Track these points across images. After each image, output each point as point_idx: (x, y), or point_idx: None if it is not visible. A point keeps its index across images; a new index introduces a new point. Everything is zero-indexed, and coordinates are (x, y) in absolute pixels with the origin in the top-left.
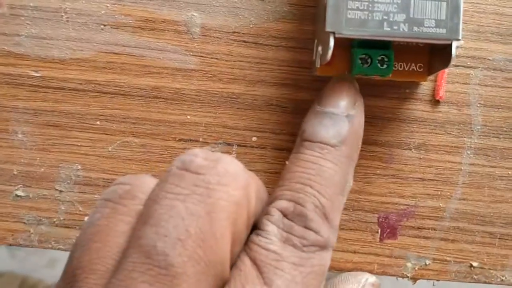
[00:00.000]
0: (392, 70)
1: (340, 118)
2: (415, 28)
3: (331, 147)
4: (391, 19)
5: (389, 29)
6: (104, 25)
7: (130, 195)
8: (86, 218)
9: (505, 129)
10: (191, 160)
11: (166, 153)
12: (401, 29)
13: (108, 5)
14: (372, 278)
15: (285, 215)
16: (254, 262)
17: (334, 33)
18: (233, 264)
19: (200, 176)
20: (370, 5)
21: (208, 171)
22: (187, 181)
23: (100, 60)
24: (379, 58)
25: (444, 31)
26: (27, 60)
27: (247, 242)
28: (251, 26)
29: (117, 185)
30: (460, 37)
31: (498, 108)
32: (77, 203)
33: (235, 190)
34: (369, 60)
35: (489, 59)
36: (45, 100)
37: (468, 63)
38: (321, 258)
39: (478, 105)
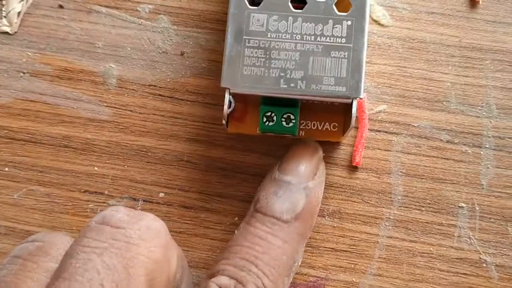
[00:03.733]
0: (297, 129)
1: (297, 189)
2: (313, 86)
3: (283, 223)
4: (288, 76)
5: (285, 86)
6: (24, 73)
7: (42, 252)
8: None
9: (428, 201)
10: (112, 215)
11: (70, 204)
12: (298, 86)
13: (30, 53)
14: None
15: None
16: None
17: (229, 89)
18: None
19: (120, 230)
20: (267, 62)
21: (129, 226)
22: (106, 234)
23: (16, 107)
24: (285, 115)
25: (344, 89)
26: None
27: None
28: (168, 80)
29: (28, 242)
30: (361, 95)
31: (422, 178)
32: None
33: (156, 247)
34: (274, 118)
35: (414, 126)
36: None
37: (391, 129)
38: None
39: (400, 173)
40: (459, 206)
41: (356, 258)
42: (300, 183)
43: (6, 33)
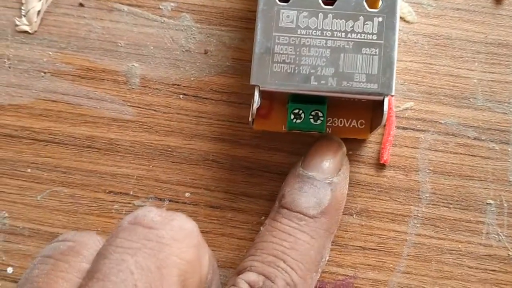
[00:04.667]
0: (325, 126)
1: (322, 185)
2: (344, 83)
3: (309, 218)
4: (318, 73)
5: (316, 83)
6: (45, 73)
7: (74, 252)
8: (8, 269)
9: (456, 198)
10: (144, 215)
11: (95, 205)
12: (329, 84)
13: (51, 53)
14: None
15: None
16: None
17: (258, 86)
18: None
19: (153, 230)
20: (297, 59)
21: (161, 226)
22: (139, 235)
23: (38, 107)
24: (313, 113)
25: (375, 86)
26: None
27: None
28: (192, 79)
29: (59, 242)
30: (393, 93)
31: (449, 176)
32: (1, 252)
33: (188, 248)
34: (302, 115)
35: (441, 123)
36: None
37: (418, 126)
38: None
39: (427, 171)
40: (487, 203)
41: (384, 256)
42: (325, 179)
43: (26, 32)
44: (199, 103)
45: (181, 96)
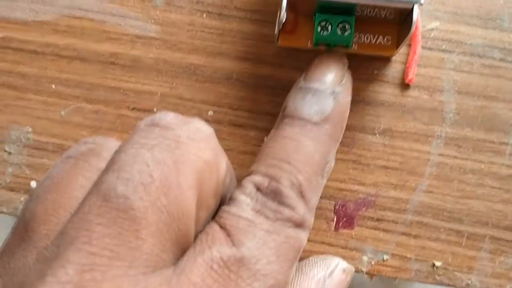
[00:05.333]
0: (353, 38)
1: (325, 94)
2: None
3: (313, 125)
4: None
5: None
6: None
7: (94, 153)
8: (32, 182)
9: (479, 119)
10: (161, 118)
11: (118, 121)
12: None
13: None
14: (343, 264)
15: (259, 189)
16: (223, 227)
17: None
18: (199, 233)
19: (170, 130)
20: None
21: (178, 127)
22: (156, 133)
23: (62, 23)
24: (340, 25)
25: None
26: None
27: (216, 212)
28: None
29: (80, 144)
30: (422, 1)
31: (474, 96)
32: (25, 166)
33: (205, 149)
34: (329, 27)
35: (467, 44)
36: (3, 61)
37: (443, 47)
38: (297, 233)
39: (452, 91)
40: (510, 124)
41: (406, 175)
42: (327, 89)
43: None
44: (223, 21)
45: (204, 14)
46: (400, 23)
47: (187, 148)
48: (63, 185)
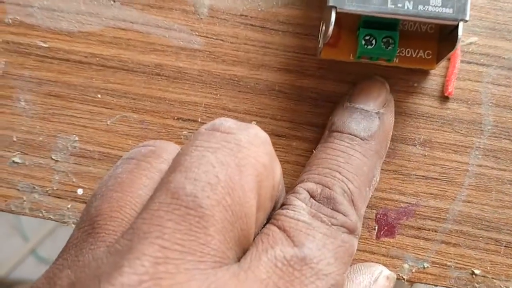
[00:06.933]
0: (396, 53)
1: (371, 114)
2: (420, 7)
3: (360, 140)
4: None
5: (393, 6)
6: (114, 1)
7: (155, 155)
8: (78, 190)
9: None
10: (221, 123)
11: (164, 131)
12: (405, 7)
13: None
14: (387, 271)
15: (312, 196)
16: (282, 228)
17: (336, 7)
18: (257, 234)
19: (231, 135)
20: None
21: (239, 132)
22: (217, 138)
23: (107, 34)
24: (384, 39)
25: (450, 10)
26: (37, 31)
27: (273, 216)
28: (259, 10)
29: (141, 147)
30: (467, 18)
31: (511, 109)
32: (71, 174)
33: (263, 154)
34: (373, 41)
35: (504, 58)
36: (50, 71)
37: (482, 61)
38: (350, 239)
39: (490, 104)
40: None
41: (446, 186)
42: (373, 110)
43: None
44: (266, 33)
45: (248, 26)
46: (441, 38)
47: (248, 152)
48: (127, 184)
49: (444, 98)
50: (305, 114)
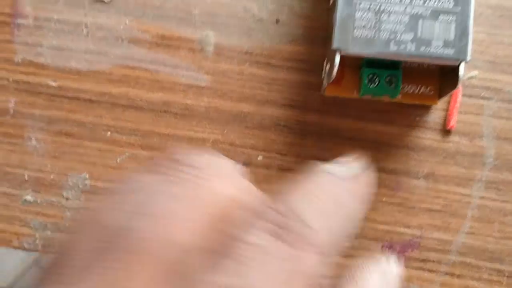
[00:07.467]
0: (400, 90)
1: None
2: (423, 48)
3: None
4: (398, 38)
5: (396, 48)
6: (122, 40)
7: None
8: None
9: None
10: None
11: None
12: (408, 49)
13: (127, 21)
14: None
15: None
16: None
17: (340, 50)
18: None
19: None
20: (377, 24)
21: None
22: None
23: (116, 73)
24: (387, 78)
25: (452, 51)
26: (46, 70)
27: None
28: (264, 47)
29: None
30: (468, 58)
31: None
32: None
33: None
34: (376, 80)
35: (505, 91)
36: (59, 109)
37: (482, 94)
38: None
39: (491, 137)
40: None
41: (449, 218)
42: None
43: (102, 1)
44: (271, 70)
45: (253, 63)
46: (442, 74)
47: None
48: None
49: (446, 131)
50: (310, 149)
